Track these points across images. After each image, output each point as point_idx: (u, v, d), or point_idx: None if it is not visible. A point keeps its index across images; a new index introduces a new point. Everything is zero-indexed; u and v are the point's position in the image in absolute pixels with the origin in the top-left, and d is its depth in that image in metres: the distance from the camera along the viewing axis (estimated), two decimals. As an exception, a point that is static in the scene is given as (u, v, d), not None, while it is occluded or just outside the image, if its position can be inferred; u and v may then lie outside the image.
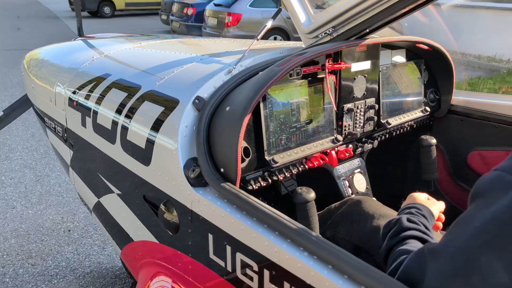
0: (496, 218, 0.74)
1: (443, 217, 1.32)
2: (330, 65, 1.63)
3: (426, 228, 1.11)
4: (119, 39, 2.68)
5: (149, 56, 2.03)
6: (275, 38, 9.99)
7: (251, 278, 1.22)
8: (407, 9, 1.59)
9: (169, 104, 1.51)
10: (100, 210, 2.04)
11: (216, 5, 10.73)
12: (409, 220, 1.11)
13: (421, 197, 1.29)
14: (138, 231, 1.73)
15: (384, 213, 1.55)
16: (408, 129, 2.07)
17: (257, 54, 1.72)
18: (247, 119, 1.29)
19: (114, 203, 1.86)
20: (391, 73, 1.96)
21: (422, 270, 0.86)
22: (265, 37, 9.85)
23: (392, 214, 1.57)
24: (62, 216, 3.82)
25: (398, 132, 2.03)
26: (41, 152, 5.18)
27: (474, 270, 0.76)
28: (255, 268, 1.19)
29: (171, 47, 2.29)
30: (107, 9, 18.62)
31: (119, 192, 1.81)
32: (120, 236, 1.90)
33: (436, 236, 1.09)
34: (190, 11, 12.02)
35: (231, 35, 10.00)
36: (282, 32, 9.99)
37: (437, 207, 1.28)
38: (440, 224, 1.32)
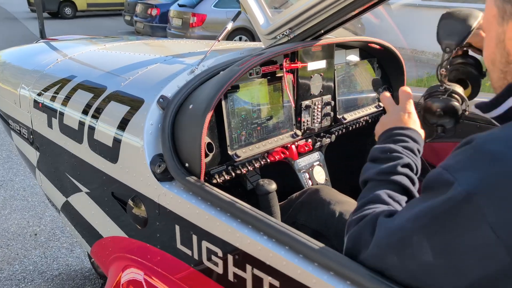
0: (431, 210, 0.83)
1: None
2: (288, 65, 1.73)
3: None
4: (83, 41, 2.70)
5: (114, 58, 2.08)
6: (240, 39, 10.09)
7: (216, 264, 1.31)
8: (357, 11, 1.71)
9: (134, 104, 1.58)
10: (68, 210, 2.07)
11: (180, 5, 10.71)
12: (407, 166, 1.10)
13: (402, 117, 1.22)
14: (107, 227, 1.78)
15: (340, 200, 1.67)
16: (364, 124, 2.20)
17: (219, 55, 1.81)
18: (209, 116, 1.37)
19: (82, 202, 1.90)
20: (346, 71, 2.09)
21: (372, 235, 0.95)
22: (231, 37, 9.95)
23: (347, 200, 1.69)
24: (28, 220, 3.78)
25: (354, 127, 2.16)
26: (4, 156, 5.08)
27: (407, 246, 0.86)
28: (220, 254, 1.28)
29: (136, 48, 2.34)
30: (68, 10, 18.19)
31: (87, 191, 1.86)
32: (90, 233, 1.94)
33: None
34: (154, 12, 11.95)
35: (196, 36, 10.01)
36: (247, 32, 10.11)
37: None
38: None
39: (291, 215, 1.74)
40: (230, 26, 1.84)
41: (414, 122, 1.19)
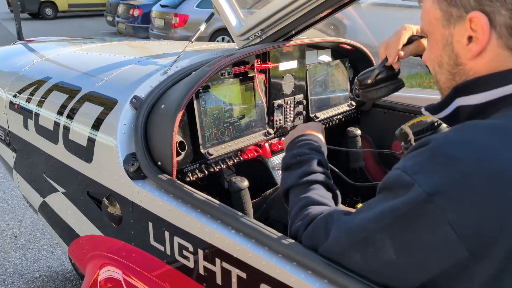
0: (393, 210, 0.87)
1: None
2: (259, 65, 1.78)
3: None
4: (60, 43, 2.71)
5: (89, 59, 2.11)
6: (223, 39, 10.11)
7: (187, 259, 1.35)
8: (326, 12, 1.76)
9: (108, 104, 1.61)
10: (45, 210, 2.09)
11: (162, 6, 10.68)
12: (319, 164, 1.23)
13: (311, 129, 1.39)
14: (83, 226, 1.81)
15: None
16: (337, 122, 2.27)
17: (193, 56, 1.85)
18: (180, 115, 1.41)
19: (59, 202, 1.93)
20: (318, 71, 2.15)
21: (328, 231, 1.00)
22: (213, 38, 9.94)
23: None
24: (7, 223, 3.76)
25: (328, 125, 2.22)
26: (-17, 159, 5.03)
27: (370, 244, 0.91)
28: (191, 249, 1.32)
29: (112, 49, 2.36)
30: (49, 11, 17.94)
31: (63, 191, 1.88)
32: (67, 233, 1.96)
33: None
34: (136, 13, 11.90)
35: (178, 36, 10.00)
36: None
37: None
38: None
39: (264, 211, 1.79)
40: (203, 27, 1.88)
41: (311, 129, 1.36)
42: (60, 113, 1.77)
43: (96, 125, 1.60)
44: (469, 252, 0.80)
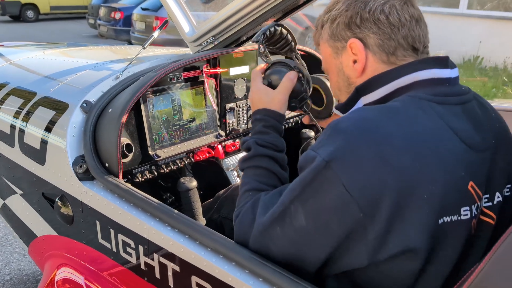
0: (302, 180, 1.00)
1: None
2: (207, 70, 1.86)
3: (274, 144, 1.25)
4: (26, 47, 2.76)
5: (49, 64, 2.16)
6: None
7: (130, 255, 1.42)
8: (274, 18, 1.85)
9: (60, 108, 1.67)
10: (6, 212, 2.14)
11: (143, 9, 10.70)
12: (257, 143, 1.24)
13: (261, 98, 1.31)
14: (40, 226, 1.87)
15: None
16: (293, 124, 2.36)
17: (147, 61, 1.92)
18: (124, 118, 1.49)
19: (18, 203, 1.98)
20: (272, 75, 2.23)
21: (254, 215, 1.11)
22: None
23: None
24: (-22, 227, 3.78)
25: (284, 127, 2.31)
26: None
27: (286, 215, 1.02)
28: (133, 245, 1.40)
29: (71, 55, 2.42)
30: (30, 13, 17.76)
31: (21, 192, 1.93)
32: (26, 234, 2.02)
33: None
34: (117, 15, 11.89)
35: (159, 39, 10.01)
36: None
37: (288, 85, 1.31)
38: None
39: (216, 210, 1.87)
40: (156, 34, 1.95)
41: (271, 101, 1.29)
42: (16, 117, 1.83)
43: (49, 128, 1.66)
44: (363, 213, 0.92)
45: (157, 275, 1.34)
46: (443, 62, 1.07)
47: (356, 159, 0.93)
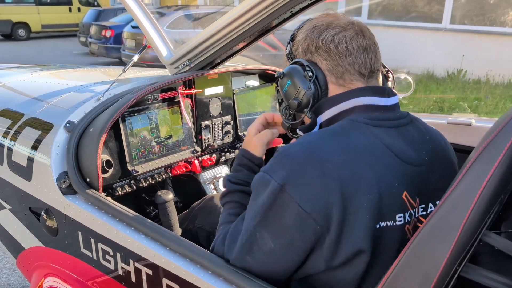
0: (261, 206, 1.12)
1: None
2: (183, 91, 2.01)
3: (245, 181, 1.37)
4: (15, 70, 2.89)
5: (36, 86, 2.30)
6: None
7: (109, 262, 1.55)
8: (245, 42, 2.00)
9: (45, 128, 1.81)
10: (-5, 226, 2.26)
11: (133, 27, 10.89)
12: (230, 181, 1.39)
13: (249, 137, 1.45)
14: (27, 239, 1.99)
15: None
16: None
17: (127, 83, 2.07)
18: (103, 137, 1.63)
19: (6, 218, 2.10)
20: (246, 94, 2.40)
21: (224, 245, 1.22)
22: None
23: None
24: (-31, 242, 3.85)
25: None
26: None
27: (253, 243, 1.13)
28: (111, 253, 1.53)
29: (57, 77, 2.57)
30: (21, 32, 17.92)
31: (10, 207, 2.06)
32: (14, 246, 2.14)
33: None
34: (108, 33, 12.07)
35: (149, 57, 10.18)
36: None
37: (264, 137, 1.43)
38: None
39: (191, 220, 2.00)
40: (136, 58, 2.10)
41: (247, 144, 1.45)
42: (4, 136, 1.97)
43: (35, 147, 1.80)
44: (319, 225, 1.06)
45: (133, 279, 1.47)
46: (381, 91, 1.23)
47: (304, 179, 1.06)
